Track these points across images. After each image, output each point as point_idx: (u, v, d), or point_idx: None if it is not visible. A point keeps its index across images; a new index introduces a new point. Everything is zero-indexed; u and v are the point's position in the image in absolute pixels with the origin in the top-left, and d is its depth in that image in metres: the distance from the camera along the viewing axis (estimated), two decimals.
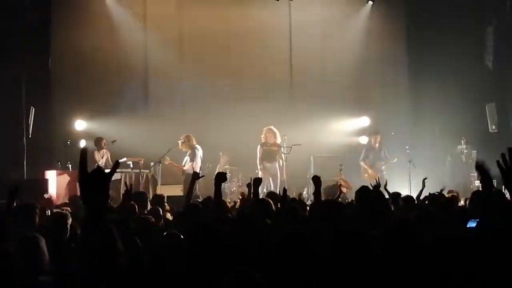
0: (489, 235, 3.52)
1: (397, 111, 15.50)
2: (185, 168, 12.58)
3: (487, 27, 14.09)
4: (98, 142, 13.03)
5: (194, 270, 3.65)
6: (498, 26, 13.89)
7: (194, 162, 12.50)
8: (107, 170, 2.30)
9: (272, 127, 13.05)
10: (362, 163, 13.82)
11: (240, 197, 9.26)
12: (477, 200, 6.12)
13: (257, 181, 6.21)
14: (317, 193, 5.74)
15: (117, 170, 12.43)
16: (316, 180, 5.86)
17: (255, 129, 13.38)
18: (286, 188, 6.81)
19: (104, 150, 13.03)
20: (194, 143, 12.68)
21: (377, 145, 13.77)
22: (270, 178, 12.61)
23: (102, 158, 12.91)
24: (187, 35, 15.36)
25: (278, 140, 12.94)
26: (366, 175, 13.58)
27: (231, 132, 13.55)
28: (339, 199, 7.93)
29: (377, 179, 8.25)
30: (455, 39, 14.29)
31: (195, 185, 7.26)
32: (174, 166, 12.68)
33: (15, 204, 5.12)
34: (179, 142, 12.67)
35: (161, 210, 6.70)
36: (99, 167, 2.33)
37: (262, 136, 12.99)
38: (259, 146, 13.01)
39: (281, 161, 13.02)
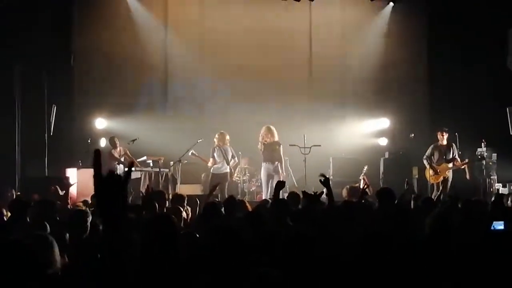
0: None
1: (417, 113, 15.40)
2: (209, 164, 12.56)
3: (509, 29, 13.97)
4: (112, 141, 13.17)
5: (213, 270, 3.67)
6: None
7: (219, 160, 12.50)
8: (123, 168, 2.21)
9: (270, 125, 12.43)
10: (425, 161, 12.68)
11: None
12: None
13: (280, 185, 6.22)
14: (329, 194, 5.70)
15: (137, 169, 12.55)
16: (324, 181, 5.83)
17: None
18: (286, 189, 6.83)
19: (120, 148, 13.09)
20: (227, 141, 12.62)
21: (444, 142, 12.57)
22: (270, 179, 12.24)
23: (120, 157, 12.95)
24: (208, 34, 15.38)
25: (276, 138, 12.47)
26: (430, 175, 12.55)
27: (250, 132, 13.51)
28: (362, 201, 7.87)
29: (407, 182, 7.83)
30: (476, 41, 14.19)
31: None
32: (202, 159, 12.69)
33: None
34: (215, 139, 12.62)
35: (182, 210, 6.73)
36: (112, 172, 2.17)
37: (260, 136, 12.51)
38: (260, 145, 12.38)
39: (278, 162, 12.26)
